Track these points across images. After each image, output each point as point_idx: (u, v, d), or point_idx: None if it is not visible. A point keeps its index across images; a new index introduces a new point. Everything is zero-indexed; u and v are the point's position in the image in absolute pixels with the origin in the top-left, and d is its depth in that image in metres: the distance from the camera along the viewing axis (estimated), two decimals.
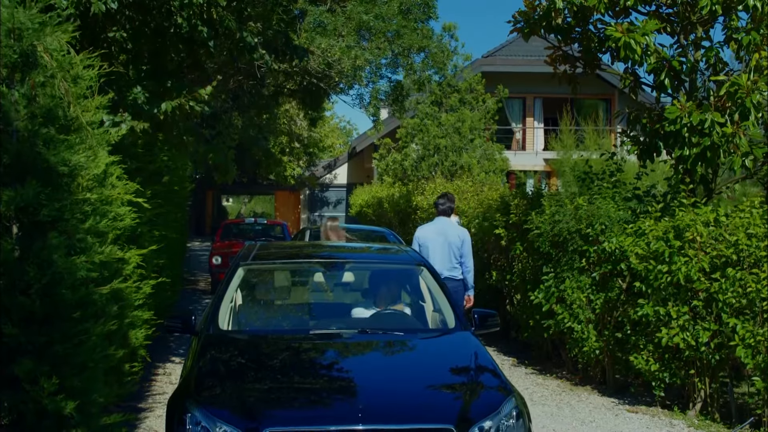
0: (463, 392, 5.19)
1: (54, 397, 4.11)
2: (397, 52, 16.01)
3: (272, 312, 7.05)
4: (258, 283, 7.23)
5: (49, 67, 4.35)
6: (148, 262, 7.63)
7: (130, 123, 7.44)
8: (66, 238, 4.31)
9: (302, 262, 7.55)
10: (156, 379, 9.37)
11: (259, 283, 7.27)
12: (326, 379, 5.43)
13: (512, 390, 5.29)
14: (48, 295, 4.20)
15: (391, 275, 7.38)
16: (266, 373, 5.47)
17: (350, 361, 5.86)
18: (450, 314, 6.43)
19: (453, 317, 6.38)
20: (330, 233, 10.28)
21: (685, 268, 8.20)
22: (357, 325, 6.50)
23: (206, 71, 10.35)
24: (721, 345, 8.17)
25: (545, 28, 9.94)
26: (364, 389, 5.11)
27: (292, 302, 7.53)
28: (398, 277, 7.37)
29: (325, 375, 5.49)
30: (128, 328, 6.52)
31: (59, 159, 4.32)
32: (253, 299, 7.05)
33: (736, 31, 9.01)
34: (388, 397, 5.13)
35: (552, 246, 10.02)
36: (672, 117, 8.84)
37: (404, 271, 7.34)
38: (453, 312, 6.44)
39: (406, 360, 6.00)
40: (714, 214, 8.37)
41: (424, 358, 6.00)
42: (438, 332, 6.47)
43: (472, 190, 16.10)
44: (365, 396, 4.98)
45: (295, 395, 5.18)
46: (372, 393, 5.08)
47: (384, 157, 28.06)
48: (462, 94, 26.01)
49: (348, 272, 7.75)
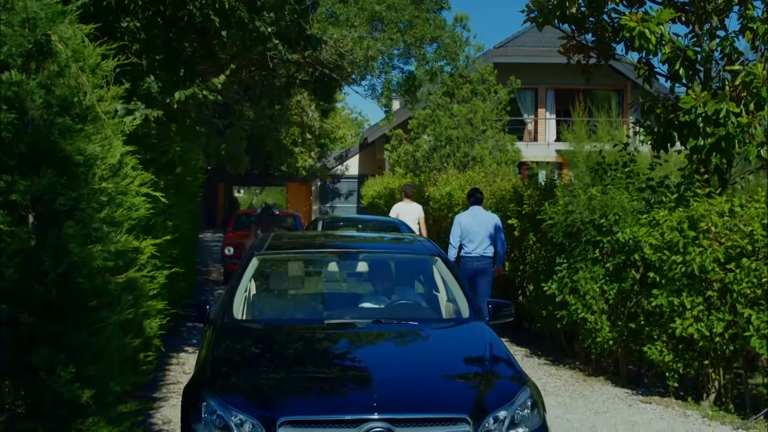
0: (478, 382, 5.16)
1: (71, 386, 4.11)
2: (409, 42, 15.99)
3: (286, 302, 7.07)
4: (272, 273, 7.21)
5: (63, 57, 4.34)
6: (162, 252, 7.65)
7: (144, 111, 7.46)
8: (82, 228, 4.31)
9: (316, 252, 7.55)
10: (170, 369, 9.40)
11: (273, 272, 7.25)
12: (341, 368, 5.41)
13: (527, 380, 5.29)
14: (64, 284, 4.20)
15: (405, 265, 7.42)
16: (281, 362, 5.46)
17: (364, 351, 5.84)
18: (464, 304, 6.41)
19: (467, 307, 6.36)
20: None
21: (700, 259, 8.17)
22: (371, 315, 6.52)
23: (219, 61, 10.36)
24: (735, 335, 8.14)
25: (559, 17, 9.92)
26: (378, 379, 5.10)
27: (306, 292, 7.57)
28: (412, 266, 7.41)
29: (339, 365, 5.47)
30: (143, 318, 6.53)
31: (75, 148, 4.31)
32: (267, 289, 7.05)
33: (751, 21, 8.95)
34: (402, 386, 5.12)
35: (565, 236, 9.99)
36: (687, 107, 8.80)
37: (418, 261, 7.32)
38: (467, 302, 6.42)
39: (420, 350, 5.97)
40: (728, 205, 8.33)
41: (439, 348, 5.97)
42: (452, 322, 6.45)
43: (485, 180, 16.07)
44: (380, 385, 4.98)
45: (310, 385, 5.18)
46: (387, 382, 5.07)
47: (396, 148, 28.01)
48: (474, 85, 25.93)
49: (362, 262, 7.74)
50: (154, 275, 6.99)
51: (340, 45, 14.54)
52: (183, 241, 11.38)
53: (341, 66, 15.17)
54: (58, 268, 4.16)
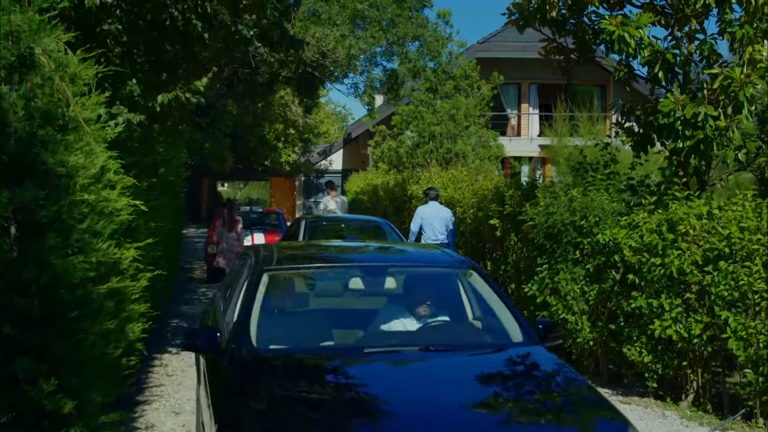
0: (579, 425, 4.38)
1: (53, 397, 4.14)
2: (391, 40, 16.03)
3: (308, 325, 6.03)
4: (286, 292, 6.43)
5: (47, 69, 4.37)
6: (145, 255, 7.65)
7: (127, 115, 7.46)
8: (64, 239, 4.34)
9: (337, 266, 6.61)
10: (153, 371, 9.42)
11: (288, 291, 6.48)
12: (407, 418, 4.36)
13: (628, 420, 4.46)
14: (46, 295, 4.22)
15: (437, 279, 6.54)
16: (331, 409, 4.44)
17: (428, 389, 4.75)
18: (512, 324, 5.62)
19: (518, 329, 5.55)
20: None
21: (678, 261, 8.27)
22: (413, 340, 5.60)
23: (201, 62, 10.36)
24: (713, 337, 8.24)
25: (540, 20, 9.98)
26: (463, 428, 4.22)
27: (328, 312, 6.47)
28: (444, 281, 6.52)
29: (402, 412, 4.43)
30: (125, 323, 6.54)
31: (57, 160, 4.34)
32: (282, 311, 6.18)
33: (729, 25, 9.02)
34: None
35: (546, 237, 10.06)
36: (666, 110, 8.88)
37: (450, 275, 6.49)
38: (516, 322, 5.63)
39: (490, 386, 4.96)
40: (707, 207, 8.42)
41: (512, 383, 5.06)
42: (507, 347, 5.49)
43: (467, 179, 16.14)
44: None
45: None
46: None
47: (379, 144, 28.07)
48: (457, 81, 26.01)
49: (388, 277, 6.69)
50: (136, 277, 7.01)
51: (322, 44, 14.57)
52: (166, 242, 11.38)
53: (323, 64, 15.20)
54: (41, 280, 4.19)
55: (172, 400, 8.34)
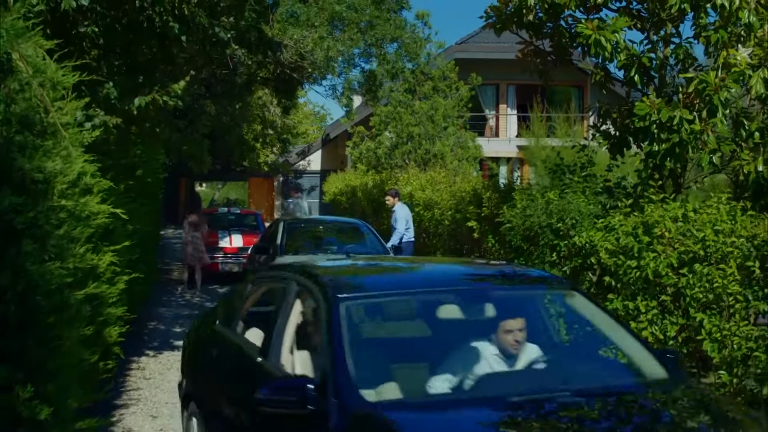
0: None
1: (29, 403, 4.13)
2: (370, 42, 16.04)
3: (413, 368, 4.84)
4: (374, 326, 5.29)
5: (25, 74, 4.35)
6: (122, 258, 7.62)
7: (104, 118, 7.43)
8: (41, 245, 4.32)
9: (425, 291, 5.33)
10: (130, 375, 9.39)
11: (376, 325, 5.33)
12: None
13: None
14: (23, 301, 4.21)
15: (541, 302, 5.54)
16: None
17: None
18: (645, 356, 4.81)
19: (654, 361, 4.74)
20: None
21: (654, 264, 8.32)
22: (554, 382, 4.61)
23: (179, 64, 10.34)
24: (688, 339, 8.31)
25: (517, 23, 10.04)
26: None
27: (428, 348, 5.13)
28: (550, 304, 5.58)
29: None
30: (102, 326, 6.52)
31: (34, 166, 4.33)
32: (377, 350, 4.98)
33: (705, 29, 9.11)
34: None
35: (523, 240, 10.11)
36: (642, 113, 8.95)
37: (554, 298, 5.54)
38: (649, 353, 4.85)
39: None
40: (682, 210, 8.49)
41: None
42: (654, 384, 4.59)
43: (445, 181, 16.19)
44: None
45: None
46: None
47: (357, 145, 28.09)
48: (435, 82, 26.07)
49: (487, 303, 5.38)
50: (114, 280, 6.98)
51: (300, 46, 14.57)
52: (144, 244, 11.35)
53: (302, 66, 15.20)
54: (17, 287, 4.17)
55: (150, 404, 8.32)
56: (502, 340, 4.82)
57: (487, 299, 5.34)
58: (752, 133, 9.31)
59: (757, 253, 7.57)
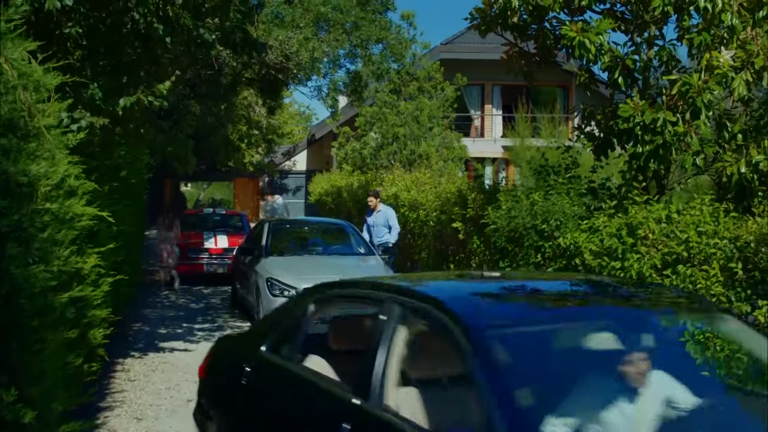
0: None
1: (13, 407, 4.12)
2: (355, 43, 16.05)
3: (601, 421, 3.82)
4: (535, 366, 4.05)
5: (10, 77, 4.34)
6: (107, 259, 7.59)
7: (89, 119, 7.41)
8: (25, 248, 4.31)
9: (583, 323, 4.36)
10: (115, 377, 9.35)
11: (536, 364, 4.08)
12: None
13: None
14: (6, 305, 4.20)
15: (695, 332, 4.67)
16: None
17: None
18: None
19: None
20: None
21: (638, 265, 8.36)
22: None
23: (163, 65, 10.31)
24: None
25: (501, 25, 10.07)
26: None
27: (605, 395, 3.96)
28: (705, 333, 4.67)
29: None
30: (87, 329, 6.50)
31: (19, 169, 4.32)
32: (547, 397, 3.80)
33: (688, 31, 9.15)
34: None
35: (508, 241, 10.14)
36: (625, 115, 8.99)
37: (709, 322, 4.66)
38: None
39: None
40: (666, 212, 8.53)
41: None
42: None
43: (431, 182, 16.21)
44: None
45: None
46: None
47: (343, 145, 28.08)
48: (421, 83, 26.08)
49: (645, 334, 4.41)
50: (98, 282, 6.96)
51: (285, 47, 14.56)
52: (128, 245, 11.32)
53: (287, 67, 15.19)
54: (1, 290, 4.16)
55: (135, 406, 8.30)
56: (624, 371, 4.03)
57: (644, 324, 4.49)
58: (735, 135, 9.38)
59: (739, 254, 7.61)
